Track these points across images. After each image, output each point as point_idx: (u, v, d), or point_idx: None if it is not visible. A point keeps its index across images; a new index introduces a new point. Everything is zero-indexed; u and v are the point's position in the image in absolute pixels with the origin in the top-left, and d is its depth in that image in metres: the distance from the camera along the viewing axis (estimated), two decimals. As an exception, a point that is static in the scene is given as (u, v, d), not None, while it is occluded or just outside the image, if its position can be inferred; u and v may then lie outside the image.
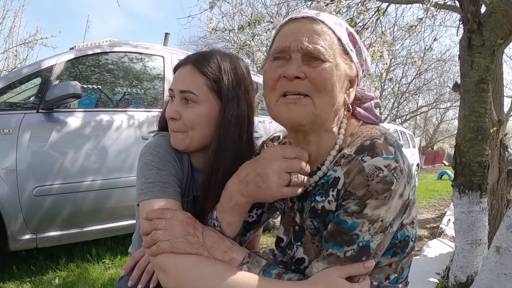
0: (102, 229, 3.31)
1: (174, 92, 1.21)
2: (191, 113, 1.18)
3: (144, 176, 1.14)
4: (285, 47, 0.91)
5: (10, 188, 2.78)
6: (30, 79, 3.11)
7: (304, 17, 0.93)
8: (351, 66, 0.95)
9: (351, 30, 0.98)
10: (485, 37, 2.45)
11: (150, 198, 1.10)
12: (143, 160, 1.18)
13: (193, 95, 1.17)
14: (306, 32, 0.90)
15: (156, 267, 0.98)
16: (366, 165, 0.84)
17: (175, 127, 1.19)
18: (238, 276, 0.90)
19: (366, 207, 0.83)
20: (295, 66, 0.89)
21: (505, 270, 1.94)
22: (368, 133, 0.90)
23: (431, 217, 6.20)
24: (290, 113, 0.90)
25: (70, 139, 3.08)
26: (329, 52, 0.89)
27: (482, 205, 2.47)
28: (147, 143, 1.23)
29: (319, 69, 0.88)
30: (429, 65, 23.98)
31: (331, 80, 0.89)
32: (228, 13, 14.17)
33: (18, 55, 10.58)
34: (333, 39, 0.91)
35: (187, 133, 1.19)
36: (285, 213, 1.10)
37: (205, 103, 1.19)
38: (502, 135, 3.14)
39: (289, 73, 0.88)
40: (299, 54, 0.89)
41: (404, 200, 0.87)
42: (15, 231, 2.83)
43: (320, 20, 0.92)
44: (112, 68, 3.78)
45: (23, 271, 3.21)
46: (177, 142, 1.20)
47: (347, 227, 0.85)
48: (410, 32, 4.86)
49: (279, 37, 0.94)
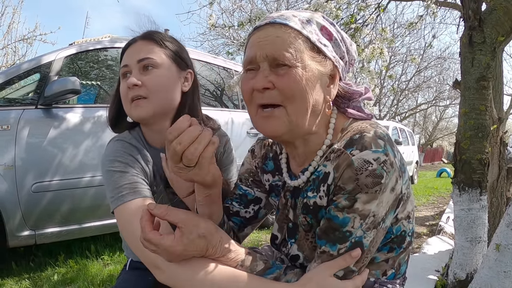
0: (101, 225, 3.30)
1: (130, 66, 1.22)
2: (153, 77, 1.20)
3: (110, 184, 1.14)
4: (252, 57, 0.90)
5: (9, 184, 2.77)
6: (29, 75, 3.11)
7: (268, 23, 0.91)
8: (325, 63, 0.92)
9: (325, 23, 0.95)
10: (486, 34, 2.44)
11: (122, 203, 1.10)
12: (105, 170, 1.18)
13: (152, 59, 1.21)
14: (270, 39, 0.89)
15: (150, 265, 0.97)
16: (355, 159, 0.82)
17: (137, 94, 1.19)
18: (230, 275, 0.90)
19: (357, 201, 0.82)
20: (261, 77, 0.88)
21: (505, 267, 1.94)
22: (358, 127, 0.89)
23: (430, 214, 6.20)
24: (266, 127, 0.91)
25: (69, 135, 3.08)
26: (295, 56, 0.87)
27: (482, 202, 2.47)
28: (103, 153, 1.24)
29: (286, 78, 0.87)
30: (429, 62, 23.98)
31: (300, 86, 0.87)
32: (228, 10, 14.13)
33: (17, 51, 10.59)
34: (299, 40, 0.89)
35: (150, 99, 1.20)
36: (279, 210, 1.09)
37: (163, 67, 1.22)
38: (502, 133, 3.14)
39: (257, 86, 0.89)
40: (265, 63, 0.89)
41: (397, 195, 0.86)
42: (14, 228, 2.82)
43: (283, 23, 0.90)
44: (111, 64, 3.77)
45: (22, 267, 3.21)
46: (141, 110, 1.20)
47: (338, 223, 0.85)
48: (410, 30, 4.85)
49: (248, 48, 0.94)
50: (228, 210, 1.17)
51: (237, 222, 1.17)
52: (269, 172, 1.15)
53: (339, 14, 4.32)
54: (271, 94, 0.88)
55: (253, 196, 1.17)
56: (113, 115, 1.34)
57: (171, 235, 0.87)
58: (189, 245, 0.87)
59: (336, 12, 4.23)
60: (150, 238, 0.86)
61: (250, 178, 1.18)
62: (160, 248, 0.86)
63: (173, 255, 0.87)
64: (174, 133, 0.81)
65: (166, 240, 0.85)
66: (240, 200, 1.18)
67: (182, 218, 0.88)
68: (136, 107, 1.20)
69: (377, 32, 4.91)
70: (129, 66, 1.22)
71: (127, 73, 1.23)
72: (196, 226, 0.89)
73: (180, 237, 0.86)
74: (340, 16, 4.40)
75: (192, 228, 0.88)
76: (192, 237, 0.87)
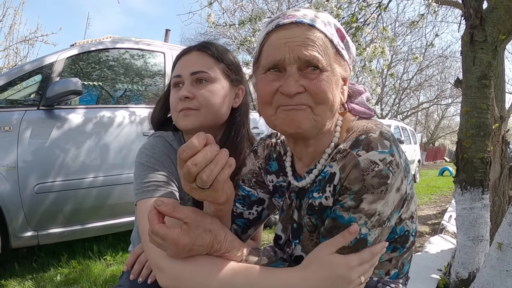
0: (103, 225, 3.31)
1: (183, 77, 1.23)
2: (205, 91, 1.21)
3: (140, 177, 1.17)
4: (279, 60, 0.87)
5: (11, 185, 2.78)
6: (31, 76, 3.12)
7: (293, 23, 0.88)
8: (345, 67, 0.93)
9: (338, 25, 0.95)
10: (487, 33, 2.44)
11: (146, 198, 1.12)
12: (138, 161, 1.20)
13: (206, 74, 1.21)
14: (300, 40, 0.86)
15: (153, 265, 0.98)
16: (361, 160, 0.82)
17: (188, 105, 1.20)
18: (234, 271, 0.89)
19: (363, 201, 0.82)
20: (293, 81, 0.86)
21: (507, 266, 1.94)
22: (364, 127, 0.89)
23: (433, 213, 6.20)
24: (293, 118, 0.88)
25: (71, 136, 3.08)
26: (326, 59, 0.87)
27: (484, 201, 2.47)
28: (143, 145, 1.25)
29: (318, 82, 0.86)
30: (430, 61, 23.96)
31: (331, 90, 0.87)
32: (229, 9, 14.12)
33: (19, 53, 10.60)
34: (326, 43, 0.88)
35: (200, 111, 1.20)
36: (283, 211, 1.09)
37: (217, 82, 1.23)
38: (504, 131, 3.13)
39: (290, 91, 0.86)
40: (295, 66, 0.86)
41: (402, 195, 0.86)
42: (17, 228, 2.83)
43: (311, 24, 0.88)
44: (113, 64, 3.77)
45: (25, 268, 3.21)
46: (189, 121, 1.21)
47: (343, 222, 0.85)
48: (411, 28, 4.84)
49: (270, 48, 0.90)
50: (232, 212, 1.15)
51: (240, 224, 1.17)
52: (273, 173, 1.14)
53: (340, 13, 4.32)
54: (301, 97, 0.87)
55: (257, 197, 1.16)
56: (158, 118, 1.35)
57: (178, 228, 0.86)
58: (195, 239, 0.86)
59: (337, 11, 4.23)
60: (157, 230, 0.84)
61: (253, 179, 1.17)
62: (166, 240, 0.84)
63: (179, 247, 0.85)
64: (188, 151, 0.76)
65: (172, 232, 0.84)
66: (243, 202, 1.17)
67: (188, 214, 0.88)
68: (184, 117, 1.22)
69: (378, 31, 4.90)
70: (182, 77, 1.23)
71: (180, 83, 1.24)
72: (202, 221, 0.88)
73: (187, 230, 0.86)
74: (341, 15, 4.40)
75: (199, 223, 0.87)
76: (198, 231, 0.87)
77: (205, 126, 1.22)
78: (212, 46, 1.26)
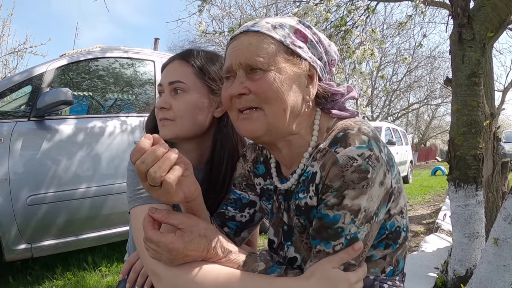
0: (97, 236, 3.28)
1: (163, 86, 1.24)
2: (180, 102, 1.20)
3: (132, 184, 1.17)
4: (228, 66, 0.95)
5: (3, 197, 2.74)
6: (21, 87, 3.09)
7: (241, 32, 0.95)
8: (300, 64, 0.95)
9: (299, 26, 0.98)
10: (475, 31, 2.47)
11: (139, 205, 1.12)
12: (130, 169, 1.20)
13: (182, 83, 1.20)
14: (243, 47, 0.93)
15: (149, 271, 0.97)
16: (340, 156, 0.83)
17: (164, 116, 1.21)
18: (231, 278, 0.89)
19: (345, 198, 0.83)
20: (237, 83, 0.93)
21: (504, 261, 1.95)
22: (342, 125, 0.91)
23: (427, 212, 6.22)
24: (246, 128, 0.94)
25: (62, 147, 3.06)
26: (268, 59, 0.91)
27: (478, 198, 2.48)
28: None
29: (259, 81, 0.90)
30: (419, 62, 24.18)
31: (274, 88, 0.90)
32: (217, 17, 14.17)
33: (8, 64, 10.54)
34: (271, 45, 0.92)
35: (175, 121, 1.20)
36: (273, 214, 1.10)
37: (194, 91, 1.22)
38: (495, 128, 3.16)
39: (234, 92, 0.93)
40: (241, 70, 0.93)
41: (387, 189, 0.87)
42: (10, 241, 2.79)
43: (255, 30, 0.94)
44: (103, 74, 3.75)
45: (19, 281, 3.17)
46: (166, 131, 1.21)
47: (329, 221, 0.85)
48: (399, 30, 4.89)
49: (226, 58, 0.98)
50: (224, 215, 1.16)
51: (233, 227, 1.17)
52: (260, 176, 1.16)
53: (329, 17, 4.35)
54: (248, 98, 0.92)
55: (248, 199, 1.18)
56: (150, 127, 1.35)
57: (172, 233, 0.87)
58: (190, 244, 0.86)
59: (325, 15, 4.26)
60: (150, 236, 0.85)
61: (244, 182, 1.19)
62: (161, 246, 0.85)
63: (173, 253, 0.86)
64: (137, 154, 0.79)
65: (167, 237, 0.85)
66: (235, 205, 1.17)
67: (182, 220, 0.88)
68: (162, 127, 1.22)
69: (367, 34, 4.95)
70: (162, 86, 1.24)
71: (161, 92, 1.25)
72: (196, 227, 0.89)
73: (181, 236, 0.86)
74: (330, 19, 4.43)
75: (193, 228, 0.88)
76: (192, 236, 0.87)
77: (183, 137, 1.22)
78: (192, 55, 1.25)
